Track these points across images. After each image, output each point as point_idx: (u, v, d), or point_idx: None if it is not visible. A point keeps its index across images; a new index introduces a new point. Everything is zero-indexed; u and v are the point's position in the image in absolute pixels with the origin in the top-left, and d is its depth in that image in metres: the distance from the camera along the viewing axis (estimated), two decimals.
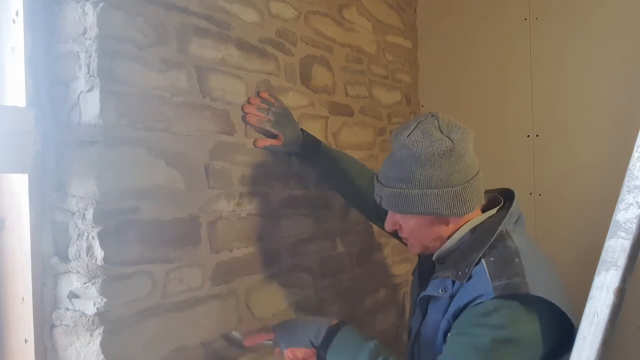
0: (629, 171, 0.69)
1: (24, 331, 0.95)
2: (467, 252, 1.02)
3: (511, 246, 1.00)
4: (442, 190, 0.99)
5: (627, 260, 0.68)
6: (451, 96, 2.05)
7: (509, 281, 0.94)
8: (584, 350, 0.71)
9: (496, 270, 0.97)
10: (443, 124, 1.02)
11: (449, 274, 1.01)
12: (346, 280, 1.59)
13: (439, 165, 0.99)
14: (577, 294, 0.92)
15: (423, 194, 1.00)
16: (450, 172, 0.99)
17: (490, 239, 1.01)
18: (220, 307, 1.16)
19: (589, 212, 1.76)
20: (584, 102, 1.80)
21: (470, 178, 1.01)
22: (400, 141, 1.03)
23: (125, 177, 0.97)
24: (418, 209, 1.02)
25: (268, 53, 1.32)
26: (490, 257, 0.99)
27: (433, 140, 0.99)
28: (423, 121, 1.04)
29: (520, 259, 0.98)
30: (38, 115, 0.94)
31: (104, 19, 0.93)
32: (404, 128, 1.05)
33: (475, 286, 0.97)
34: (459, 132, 1.01)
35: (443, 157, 0.99)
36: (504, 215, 1.05)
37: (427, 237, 1.08)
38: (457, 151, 0.99)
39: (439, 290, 1.03)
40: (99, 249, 0.92)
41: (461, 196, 1.00)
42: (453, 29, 2.04)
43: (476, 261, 0.99)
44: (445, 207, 1.00)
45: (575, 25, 1.81)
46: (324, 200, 1.51)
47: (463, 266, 1.00)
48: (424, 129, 1.02)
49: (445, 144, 0.99)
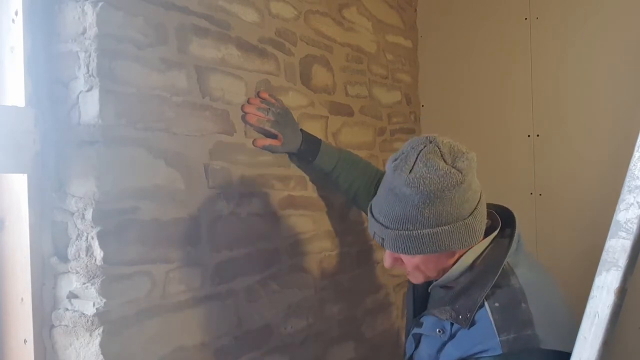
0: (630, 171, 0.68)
1: (24, 331, 0.95)
2: (468, 290, 0.94)
3: (515, 286, 0.92)
4: (453, 226, 0.90)
5: (628, 261, 0.68)
6: (451, 96, 2.05)
7: (517, 335, 0.87)
8: (584, 351, 0.71)
9: (503, 320, 0.89)
10: (445, 151, 0.91)
11: (448, 316, 0.94)
12: (346, 280, 1.59)
13: (449, 199, 0.89)
14: (578, 294, 0.91)
15: (434, 233, 0.90)
16: (460, 203, 0.90)
17: (494, 278, 0.92)
18: (220, 307, 1.16)
19: (589, 212, 1.76)
20: (585, 101, 1.80)
21: (477, 204, 0.93)
22: (403, 178, 0.90)
23: (125, 177, 0.97)
24: (429, 249, 0.92)
25: (268, 53, 1.32)
26: (495, 302, 0.91)
27: (440, 174, 0.88)
28: (423, 150, 0.92)
29: (527, 303, 0.90)
30: (37, 115, 0.94)
31: (104, 19, 0.93)
32: (403, 161, 0.92)
33: (479, 337, 0.90)
34: (465, 159, 0.91)
35: (451, 191, 0.89)
36: (507, 247, 0.96)
37: (432, 270, 0.99)
38: (466, 183, 0.90)
39: (436, 331, 0.96)
40: (99, 249, 0.92)
41: (472, 227, 0.92)
42: (453, 29, 2.04)
43: (479, 304, 0.91)
44: (458, 242, 0.92)
45: (575, 25, 1.81)
46: (324, 200, 1.51)
47: (464, 308, 0.92)
48: (427, 161, 0.90)
49: (455, 178, 0.88)
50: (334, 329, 1.51)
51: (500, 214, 1.03)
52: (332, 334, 1.50)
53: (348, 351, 1.56)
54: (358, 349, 1.62)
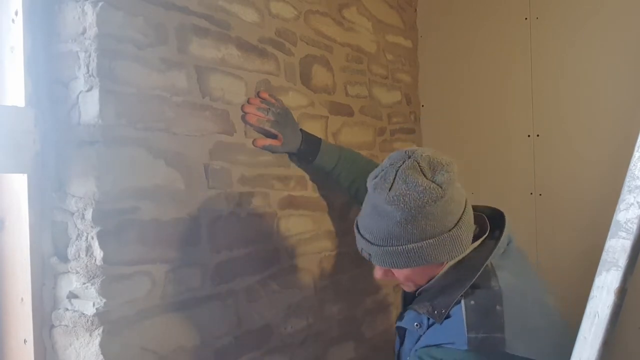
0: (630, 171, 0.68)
1: (24, 331, 0.95)
2: (448, 288, 0.95)
3: (495, 288, 0.93)
4: (438, 239, 0.91)
5: (628, 261, 0.68)
6: (451, 96, 2.05)
7: (486, 336, 0.88)
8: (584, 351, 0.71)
9: (474, 319, 0.90)
10: (425, 165, 0.91)
11: (425, 310, 0.95)
12: (346, 280, 1.58)
13: (431, 214, 0.89)
14: (578, 294, 0.91)
15: (419, 248, 0.91)
16: (443, 216, 0.91)
17: (473, 277, 0.93)
18: (220, 307, 1.16)
19: (589, 212, 1.76)
20: (585, 101, 1.79)
21: (461, 214, 0.93)
22: (383, 197, 0.90)
23: (124, 177, 0.97)
24: (415, 262, 0.93)
25: (268, 53, 1.32)
26: (471, 301, 0.92)
27: (420, 190, 0.88)
28: (402, 167, 0.92)
29: (502, 306, 0.90)
30: (37, 115, 0.94)
31: (104, 19, 0.93)
32: (382, 179, 0.92)
33: (448, 330, 0.92)
34: (444, 172, 0.91)
35: (434, 205, 0.89)
36: (491, 248, 0.97)
37: (423, 279, 1.01)
38: (447, 195, 0.90)
39: (414, 324, 0.98)
40: (99, 249, 0.92)
41: (457, 237, 0.92)
42: (453, 29, 2.04)
43: (456, 300, 0.93)
44: (445, 254, 0.93)
45: (576, 25, 1.81)
46: (324, 200, 1.51)
47: (440, 304, 0.94)
48: (407, 178, 0.90)
49: (435, 192, 0.88)
50: (334, 329, 1.51)
51: (490, 217, 1.03)
52: (332, 334, 1.50)
53: (348, 351, 1.56)
54: (358, 349, 1.62)
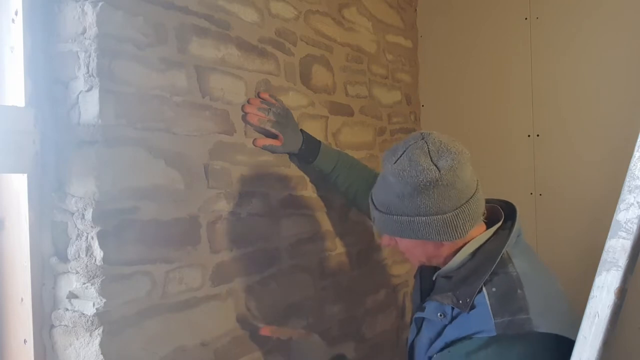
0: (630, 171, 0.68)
1: (23, 331, 0.95)
2: (469, 278, 0.98)
3: (512, 274, 0.96)
4: (431, 218, 0.95)
5: (628, 261, 0.68)
6: (451, 96, 2.05)
7: (512, 318, 0.91)
8: (584, 351, 0.71)
9: (498, 304, 0.93)
10: (433, 148, 0.96)
11: (449, 301, 0.98)
12: (346, 280, 1.58)
13: (426, 194, 0.94)
14: (578, 294, 0.91)
15: (410, 221, 0.97)
16: (439, 200, 0.94)
17: (492, 265, 0.96)
18: (220, 307, 1.16)
19: (589, 212, 1.76)
20: (585, 101, 1.80)
21: (463, 203, 0.96)
22: (388, 167, 0.99)
23: (124, 177, 0.96)
24: (407, 234, 1.00)
25: (268, 53, 1.32)
26: (492, 287, 0.95)
27: (419, 169, 0.94)
28: (412, 145, 0.98)
29: (523, 289, 0.94)
30: (37, 115, 0.94)
31: (104, 19, 0.93)
32: (393, 152, 1.01)
33: (476, 319, 0.94)
34: (450, 159, 0.94)
35: (429, 187, 0.93)
36: (506, 237, 1.00)
37: (422, 256, 1.06)
38: (445, 180, 0.93)
39: (437, 315, 1.00)
40: (99, 249, 0.92)
41: (451, 223, 0.96)
42: (453, 29, 2.04)
43: (478, 289, 0.96)
44: (435, 234, 0.97)
45: (576, 25, 1.81)
46: (324, 200, 1.51)
47: (464, 294, 0.96)
48: (412, 156, 0.96)
49: (432, 174, 0.93)
50: (334, 329, 1.51)
51: (504, 208, 1.07)
52: (332, 334, 1.50)
53: (348, 351, 1.56)
54: (358, 349, 1.62)
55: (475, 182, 1.00)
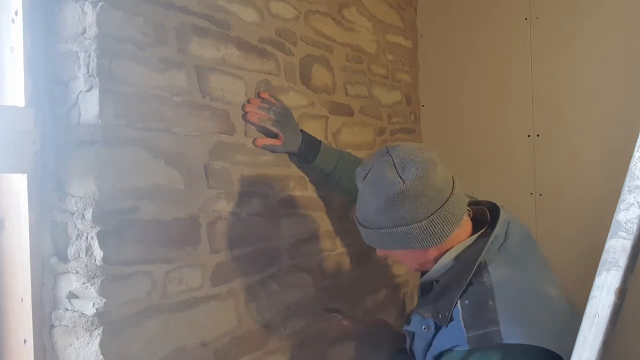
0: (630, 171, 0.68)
1: (23, 331, 0.95)
2: (448, 290, 1.00)
3: (486, 283, 0.97)
4: (408, 227, 0.98)
5: (628, 261, 0.68)
6: (451, 96, 2.05)
7: (484, 332, 0.92)
8: (584, 351, 0.71)
9: (471, 318, 0.95)
10: (397, 160, 0.99)
11: (429, 315, 1.01)
12: (346, 280, 1.58)
13: (398, 206, 0.97)
14: (578, 294, 0.91)
15: (391, 232, 1.00)
16: (412, 209, 0.97)
17: (469, 275, 0.98)
18: (220, 308, 1.16)
19: (589, 212, 1.76)
20: (585, 101, 1.80)
21: (437, 208, 0.98)
22: (360, 185, 1.04)
23: (124, 177, 0.96)
24: (392, 246, 1.03)
25: (268, 53, 1.32)
26: (465, 300, 0.97)
27: (386, 183, 0.98)
28: (378, 160, 1.02)
29: (494, 300, 0.94)
30: (37, 115, 0.94)
31: (103, 19, 0.93)
32: (362, 169, 1.05)
33: (453, 333, 0.96)
34: (414, 169, 0.97)
35: (399, 198, 0.97)
36: (484, 244, 1.01)
37: (414, 263, 1.09)
38: (412, 190, 0.96)
39: (422, 328, 1.03)
40: (98, 249, 0.92)
41: (428, 229, 0.98)
42: (453, 29, 2.04)
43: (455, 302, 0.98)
44: (416, 242, 0.99)
45: (576, 25, 1.81)
46: (324, 200, 1.51)
47: (443, 308, 0.99)
48: (378, 171, 1.00)
49: (399, 187, 0.96)
50: (334, 329, 1.51)
51: (492, 212, 1.08)
52: (332, 334, 1.50)
53: (348, 351, 1.56)
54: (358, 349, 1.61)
55: (450, 185, 1.01)
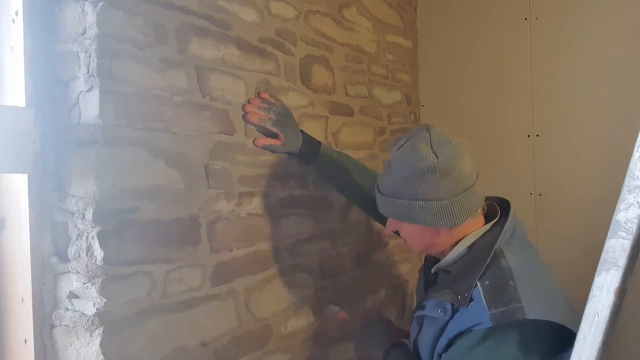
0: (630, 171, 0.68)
1: (24, 331, 0.95)
2: (464, 273, 1.03)
3: (504, 266, 1.00)
4: (428, 203, 1.01)
5: (628, 261, 0.68)
6: (451, 96, 2.05)
7: (505, 309, 0.94)
8: (584, 351, 0.71)
9: (492, 296, 0.97)
10: (434, 138, 1.03)
11: (448, 298, 1.02)
12: (346, 280, 1.59)
13: (424, 180, 1.00)
14: (578, 294, 0.91)
15: (410, 205, 1.03)
16: (437, 186, 1.00)
17: (486, 260, 1.01)
18: (220, 307, 1.16)
19: (589, 212, 1.76)
20: (585, 102, 1.80)
21: (460, 192, 1.01)
22: (391, 154, 1.07)
23: (124, 177, 0.97)
24: (406, 218, 1.06)
25: (268, 53, 1.32)
26: (486, 281, 0.99)
27: (419, 156, 1.00)
28: (415, 135, 1.05)
29: (514, 280, 0.98)
30: (37, 115, 0.94)
31: (104, 19, 0.93)
32: (397, 140, 1.08)
33: (473, 312, 0.98)
34: (449, 149, 1.01)
35: (427, 172, 0.99)
36: (498, 233, 1.05)
37: (421, 243, 1.11)
38: (442, 167, 0.99)
39: (438, 311, 1.04)
40: (99, 249, 0.92)
41: (447, 209, 1.01)
42: (453, 29, 2.04)
43: (474, 284, 1.00)
44: (431, 219, 1.02)
45: (575, 25, 1.81)
46: (324, 200, 1.51)
47: (462, 289, 1.00)
48: (413, 144, 1.03)
49: (430, 161, 0.99)
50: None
51: (501, 206, 1.12)
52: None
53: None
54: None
55: (475, 175, 1.04)
